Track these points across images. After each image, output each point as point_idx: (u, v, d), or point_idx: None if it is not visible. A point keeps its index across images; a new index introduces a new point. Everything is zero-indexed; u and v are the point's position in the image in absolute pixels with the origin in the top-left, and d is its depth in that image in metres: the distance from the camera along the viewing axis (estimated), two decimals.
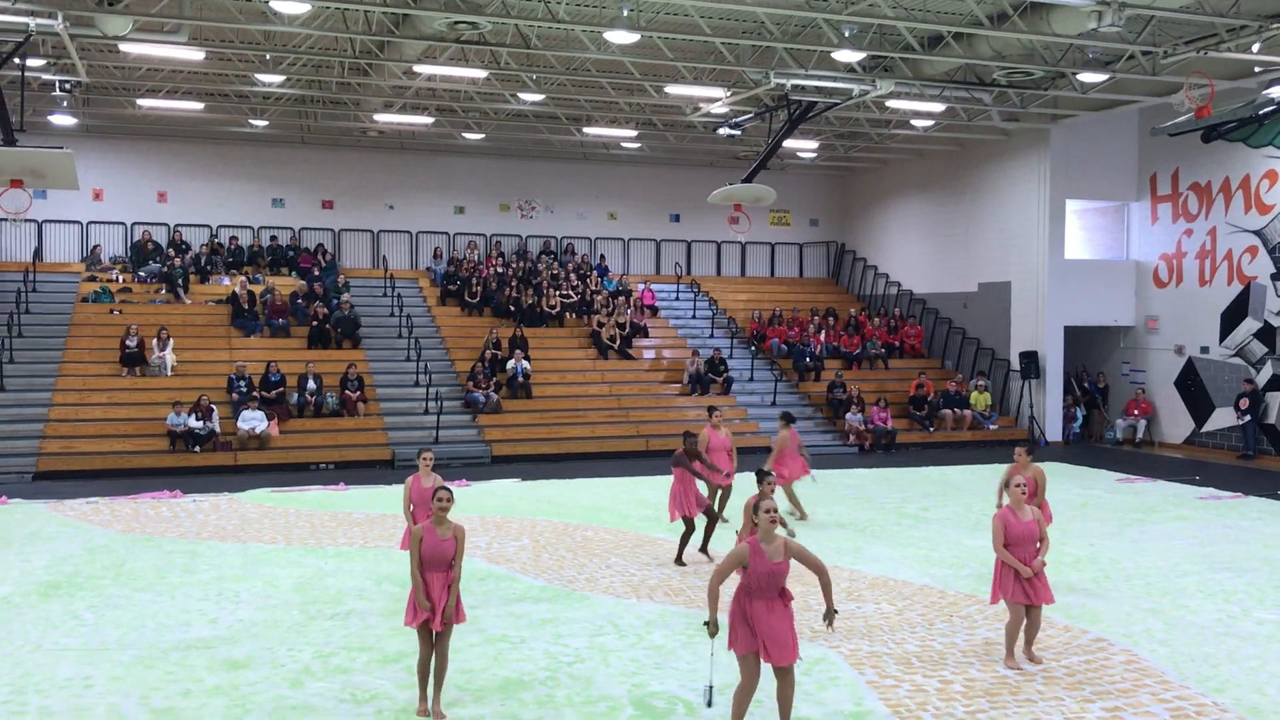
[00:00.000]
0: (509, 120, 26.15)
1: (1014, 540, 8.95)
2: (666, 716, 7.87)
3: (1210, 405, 24.31)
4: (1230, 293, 23.85)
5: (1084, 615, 10.65)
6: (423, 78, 21.63)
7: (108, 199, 27.63)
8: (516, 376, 24.28)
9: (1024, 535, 8.97)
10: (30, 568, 12.42)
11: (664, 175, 31.81)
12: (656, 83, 21.76)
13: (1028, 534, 8.99)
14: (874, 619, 10.46)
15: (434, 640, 7.84)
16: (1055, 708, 8.07)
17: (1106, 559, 13.20)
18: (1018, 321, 26.68)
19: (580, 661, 9.13)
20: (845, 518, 15.88)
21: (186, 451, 20.65)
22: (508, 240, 30.67)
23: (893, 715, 7.90)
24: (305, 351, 24.39)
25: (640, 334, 27.69)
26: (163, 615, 10.47)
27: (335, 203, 29.37)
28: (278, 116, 25.97)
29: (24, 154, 16.73)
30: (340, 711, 7.93)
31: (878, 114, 24.60)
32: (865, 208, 32.81)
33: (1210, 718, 7.93)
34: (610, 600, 11.18)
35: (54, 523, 15.15)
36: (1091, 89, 21.70)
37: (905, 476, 20.20)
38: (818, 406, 25.94)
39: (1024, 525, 9.00)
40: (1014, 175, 26.77)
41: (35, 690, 8.34)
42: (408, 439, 21.99)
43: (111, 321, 24.34)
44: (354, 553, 13.34)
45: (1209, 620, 10.53)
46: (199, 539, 14.13)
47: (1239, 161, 23.49)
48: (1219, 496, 17.95)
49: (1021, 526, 8.98)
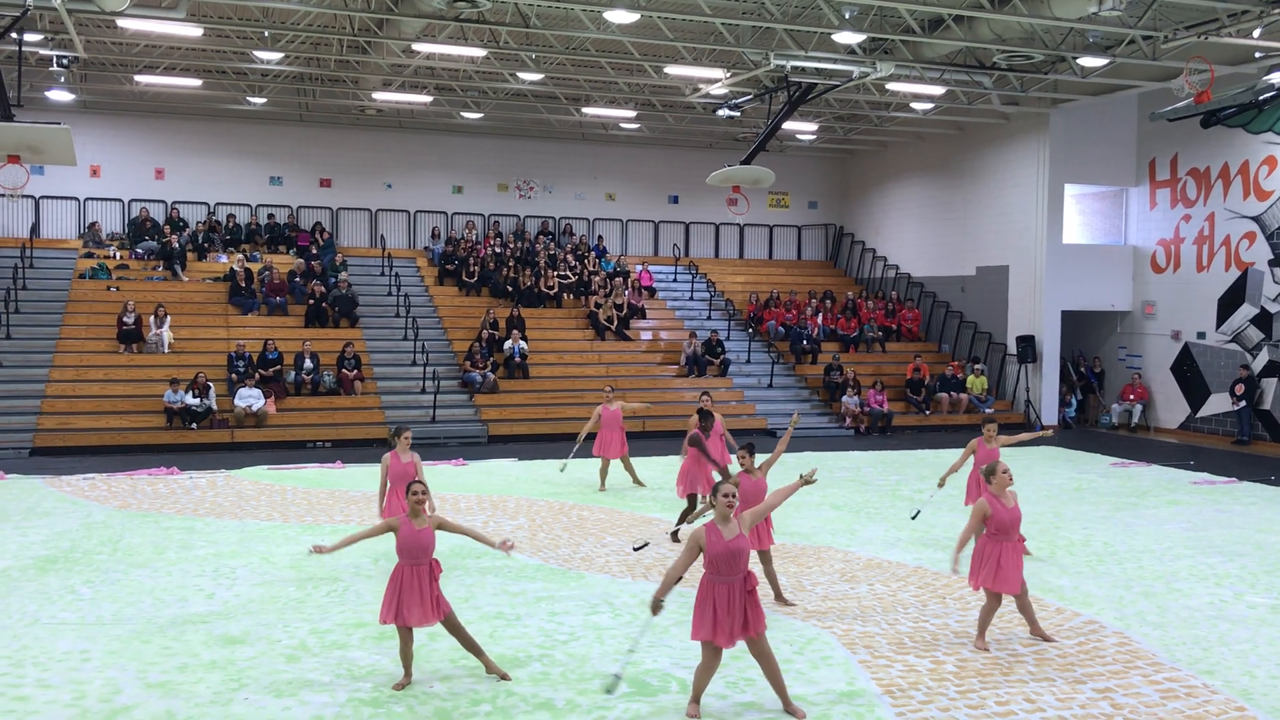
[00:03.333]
0: (508, 100, 26.09)
1: (998, 527, 8.96)
2: (660, 694, 7.92)
3: (1206, 391, 24.37)
4: (1227, 278, 23.87)
5: (1076, 598, 10.70)
6: (422, 56, 21.57)
7: (105, 175, 27.57)
8: (514, 357, 24.30)
9: (1010, 522, 8.98)
10: (27, 542, 12.46)
11: (662, 156, 31.76)
12: (656, 63, 21.71)
13: (1012, 520, 9.00)
14: (867, 600, 10.52)
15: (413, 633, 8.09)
16: (1046, 688, 8.13)
17: (1100, 542, 13.26)
18: (1015, 305, 26.70)
19: (575, 639, 9.17)
20: (840, 500, 15.94)
21: (183, 428, 20.68)
22: (506, 220, 30.64)
23: (885, 695, 7.96)
24: (302, 330, 24.39)
25: (638, 315, 27.69)
26: (159, 591, 10.52)
27: (333, 181, 29.32)
28: (276, 94, 25.89)
29: (21, 129, 16.69)
30: (336, 686, 7.98)
31: (877, 96, 24.56)
32: (864, 190, 32.78)
33: (1200, 699, 7.99)
34: (605, 579, 11.23)
35: (51, 498, 15.18)
36: (1091, 73, 21.67)
37: (901, 459, 20.25)
38: (814, 389, 25.98)
39: (1009, 512, 8.99)
40: (1013, 159, 26.74)
41: (33, 663, 8.38)
42: (404, 418, 22.01)
43: (109, 298, 24.32)
44: (350, 530, 13.37)
45: (1201, 604, 10.59)
46: (196, 515, 14.17)
47: (1238, 147, 23.47)
48: (1213, 481, 18.02)
49: (1006, 513, 8.98)
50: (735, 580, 7.25)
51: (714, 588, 7.25)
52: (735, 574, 7.24)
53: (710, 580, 7.30)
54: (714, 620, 7.22)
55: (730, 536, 7.23)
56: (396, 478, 11.16)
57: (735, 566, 7.22)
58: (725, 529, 7.25)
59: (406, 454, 11.27)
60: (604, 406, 16.47)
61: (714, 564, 7.24)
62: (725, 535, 7.23)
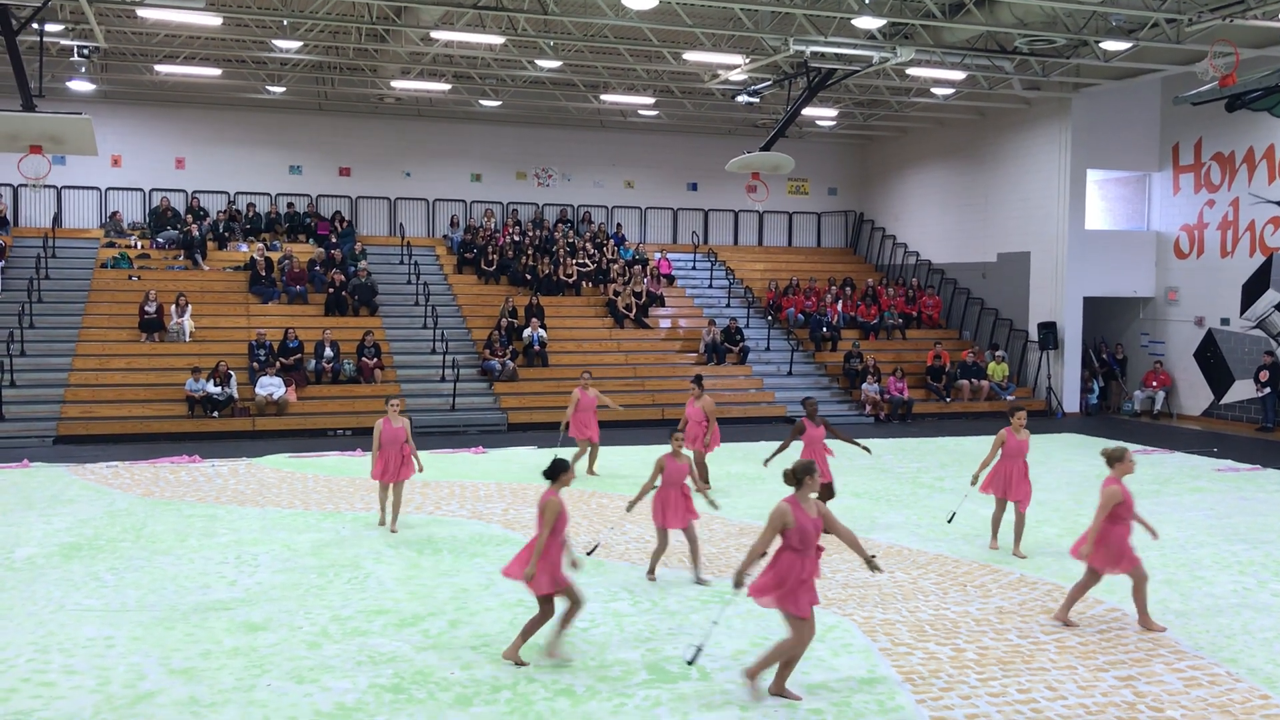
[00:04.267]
0: (526, 87, 26.06)
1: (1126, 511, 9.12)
2: (679, 680, 7.93)
3: (1230, 377, 24.17)
4: (1252, 264, 23.65)
5: (1099, 586, 10.60)
6: (440, 44, 21.56)
7: (126, 165, 27.70)
8: (533, 345, 24.31)
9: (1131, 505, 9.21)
10: (52, 530, 12.56)
11: (681, 143, 31.67)
12: (674, 49, 21.63)
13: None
14: (888, 587, 10.49)
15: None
16: (1068, 676, 8.09)
17: None
18: (1036, 292, 26.54)
19: (595, 626, 9.19)
20: (861, 487, 15.90)
21: (205, 417, 20.79)
22: (524, 208, 30.63)
23: (905, 683, 7.94)
24: (323, 318, 24.49)
25: (656, 303, 27.66)
26: (182, 578, 10.58)
27: (352, 170, 29.38)
28: (295, 83, 25.95)
29: (43, 119, 16.75)
30: (358, 673, 8.02)
31: (898, 82, 24.40)
32: (884, 177, 32.61)
33: (1224, 688, 7.94)
34: (624, 566, 11.25)
35: (75, 486, 15.30)
36: (1114, 57, 21.46)
37: (921, 446, 20.18)
38: (834, 377, 25.91)
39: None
40: (1035, 144, 26.54)
41: (59, 649, 8.46)
42: (425, 406, 22.09)
43: (130, 287, 24.46)
44: (371, 517, 13.42)
45: (1224, 591, 10.52)
46: (218, 503, 14.25)
47: (1263, 131, 23.22)
48: (1237, 469, 17.89)
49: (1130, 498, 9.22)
50: (810, 554, 7.61)
51: (794, 561, 7.52)
52: (810, 549, 7.60)
53: (790, 553, 7.55)
54: (795, 591, 7.53)
55: (813, 515, 7.63)
56: (387, 441, 12.64)
57: (811, 542, 7.62)
58: (807, 508, 7.62)
59: (397, 420, 12.74)
60: (581, 392, 16.58)
61: (796, 540, 7.53)
62: (809, 514, 7.61)
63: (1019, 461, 11.76)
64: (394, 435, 12.66)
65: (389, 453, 12.63)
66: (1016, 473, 11.75)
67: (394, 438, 12.65)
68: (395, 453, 12.56)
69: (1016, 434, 11.80)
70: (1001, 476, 11.79)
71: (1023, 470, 11.77)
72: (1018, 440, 11.79)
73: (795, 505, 7.54)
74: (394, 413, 12.83)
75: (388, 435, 12.66)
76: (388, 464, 12.56)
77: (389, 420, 12.73)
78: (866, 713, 7.40)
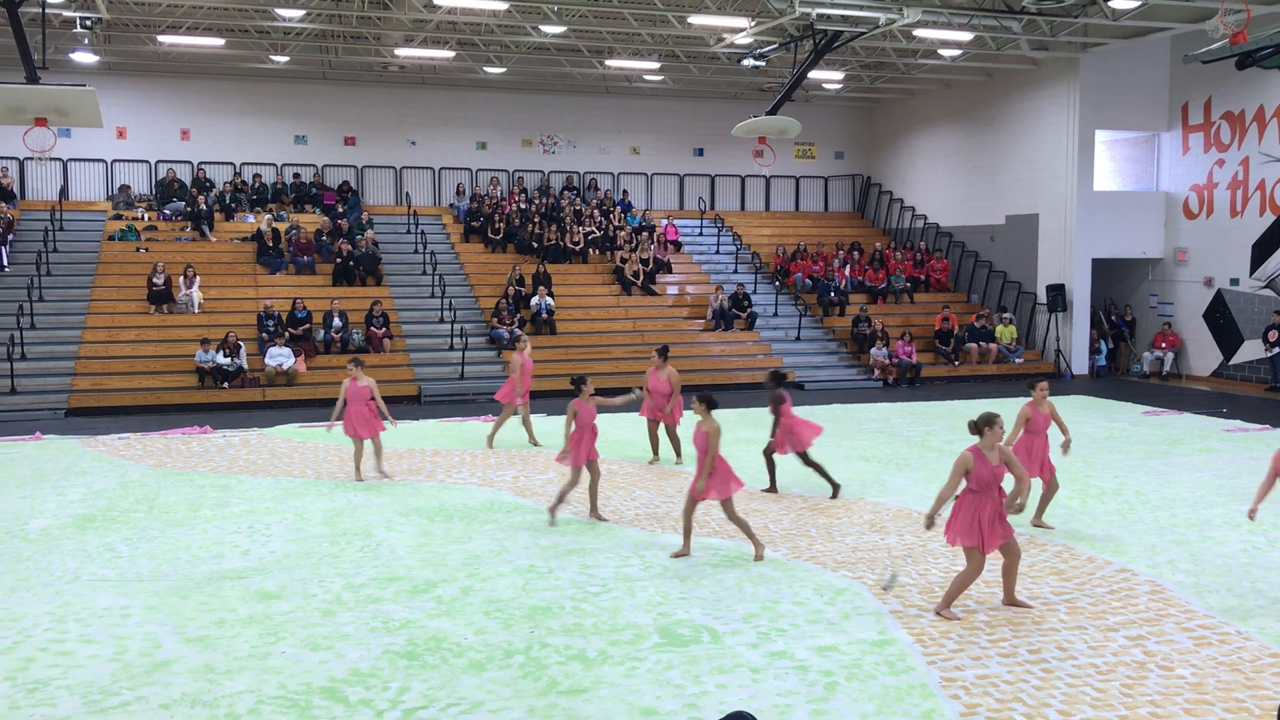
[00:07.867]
0: (530, 53, 25.91)
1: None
2: (691, 644, 7.98)
3: (1239, 338, 24.10)
4: (1262, 224, 23.52)
5: (1108, 546, 10.68)
6: (443, 10, 21.41)
7: (131, 137, 27.65)
8: (540, 313, 24.32)
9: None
10: (66, 501, 12.65)
11: (687, 108, 31.50)
12: (679, 13, 21.47)
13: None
14: (897, 550, 10.53)
15: None
16: (1079, 636, 8.13)
17: (1131, 491, 13.20)
18: (1045, 254, 26.43)
19: (606, 591, 9.25)
20: (869, 451, 15.92)
21: (215, 388, 20.86)
22: (530, 176, 30.53)
23: (916, 644, 7.99)
24: (330, 288, 24.50)
25: (664, 270, 27.61)
26: (196, 547, 10.66)
27: (357, 139, 29.29)
28: (298, 52, 25.82)
29: (47, 92, 16.71)
30: (371, 640, 8.09)
31: (904, 43, 24.19)
32: (891, 140, 32.42)
33: (1234, 646, 7.97)
34: (635, 532, 11.30)
35: (87, 458, 15.39)
36: (1123, 16, 21.23)
37: (930, 410, 20.18)
38: (842, 341, 25.89)
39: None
40: (1042, 105, 26.35)
41: (75, 619, 8.54)
42: (433, 374, 22.13)
43: (138, 260, 24.49)
44: (382, 485, 13.50)
45: (1234, 551, 10.55)
46: (230, 473, 14.33)
47: (1274, 89, 23.02)
48: (1246, 429, 17.87)
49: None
50: (993, 495, 8.45)
51: (978, 502, 8.41)
52: (992, 491, 8.45)
53: (974, 496, 8.43)
54: (980, 530, 8.40)
55: (995, 463, 8.47)
56: (352, 397, 13.66)
57: (992, 486, 8.45)
58: (990, 456, 8.47)
59: (362, 379, 13.74)
60: (522, 356, 16.25)
61: (980, 484, 8.41)
62: (991, 461, 8.46)
63: (1042, 437, 11.27)
64: (358, 392, 13.65)
65: (354, 408, 13.63)
66: (1041, 447, 11.26)
67: (358, 394, 13.64)
68: (360, 408, 13.61)
69: (1040, 408, 11.28)
70: (1028, 452, 11.14)
71: (1045, 444, 11.32)
72: (1042, 415, 11.27)
73: (977, 454, 8.43)
74: (358, 371, 13.79)
75: (352, 391, 13.65)
76: (351, 419, 13.63)
77: (355, 380, 13.70)
78: (878, 674, 7.45)
